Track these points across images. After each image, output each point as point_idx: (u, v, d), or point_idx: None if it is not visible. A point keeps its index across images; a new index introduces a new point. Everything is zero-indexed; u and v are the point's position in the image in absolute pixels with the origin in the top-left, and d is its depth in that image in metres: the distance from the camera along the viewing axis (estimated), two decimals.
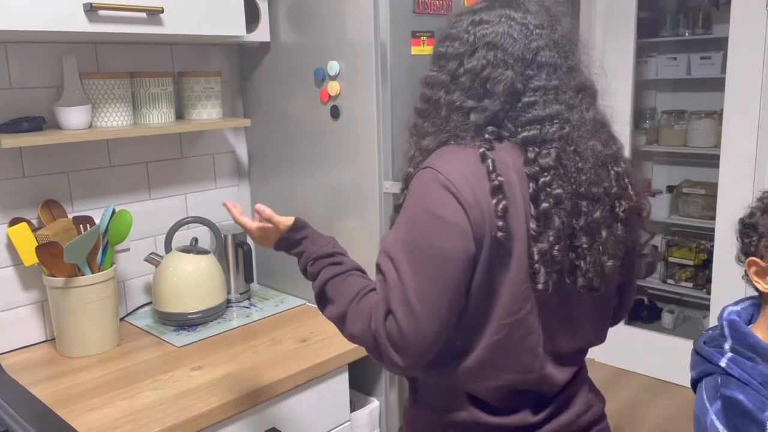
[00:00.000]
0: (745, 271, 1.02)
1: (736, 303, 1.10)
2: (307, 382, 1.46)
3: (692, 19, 3.22)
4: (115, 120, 1.57)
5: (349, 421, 1.58)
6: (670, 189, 3.53)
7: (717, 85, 3.15)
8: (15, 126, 1.44)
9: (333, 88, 1.62)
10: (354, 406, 1.63)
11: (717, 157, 3.06)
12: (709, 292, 3.21)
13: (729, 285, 2.85)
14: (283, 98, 1.79)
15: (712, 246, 3.39)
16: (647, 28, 3.19)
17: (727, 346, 1.03)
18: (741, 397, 0.97)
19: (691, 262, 3.45)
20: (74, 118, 1.49)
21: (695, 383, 1.08)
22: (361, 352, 1.55)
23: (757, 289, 1.02)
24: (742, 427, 0.96)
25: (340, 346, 1.53)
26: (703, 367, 1.04)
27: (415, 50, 1.54)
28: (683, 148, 3.39)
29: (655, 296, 3.58)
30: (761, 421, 0.94)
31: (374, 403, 1.66)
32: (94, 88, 1.54)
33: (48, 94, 1.56)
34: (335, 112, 1.63)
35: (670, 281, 3.46)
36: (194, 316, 1.66)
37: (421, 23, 1.55)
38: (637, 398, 2.94)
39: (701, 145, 3.30)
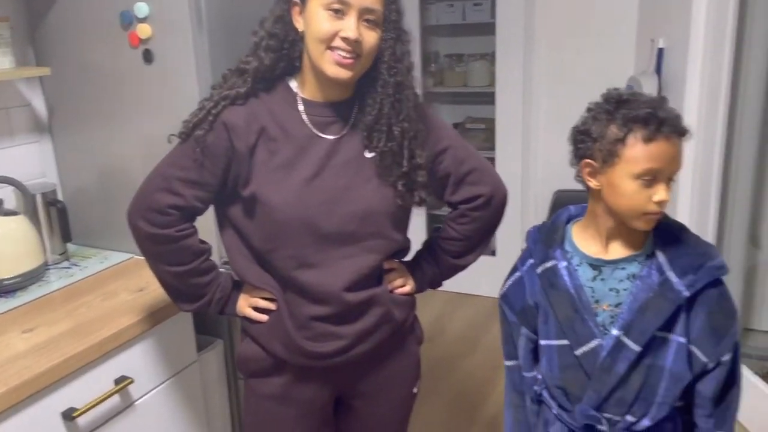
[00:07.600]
0: (577, 172, 1.15)
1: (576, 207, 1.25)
2: (151, 328, 1.47)
3: None
4: None
5: (196, 361, 1.62)
6: (455, 126, 3.92)
7: (488, 29, 3.54)
8: None
9: (143, 30, 1.57)
10: (199, 348, 1.66)
11: (492, 94, 3.47)
12: None
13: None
14: (84, 44, 1.68)
15: None
16: None
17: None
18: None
19: None
20: None
21: None
22: None
23: (588, 188, 1.15)
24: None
25: None
26: None
27: None
28: (464, 88, 3.77)
29: (437, 218, 3.97)
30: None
31: (218, 342, 1.71)
32: None
33: None
34: (148, 56, 1.59)
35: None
36: (11, 281, 1.55)
37: None
38: (442, 310, 3.32)
39: (478, 84, 3.69)
